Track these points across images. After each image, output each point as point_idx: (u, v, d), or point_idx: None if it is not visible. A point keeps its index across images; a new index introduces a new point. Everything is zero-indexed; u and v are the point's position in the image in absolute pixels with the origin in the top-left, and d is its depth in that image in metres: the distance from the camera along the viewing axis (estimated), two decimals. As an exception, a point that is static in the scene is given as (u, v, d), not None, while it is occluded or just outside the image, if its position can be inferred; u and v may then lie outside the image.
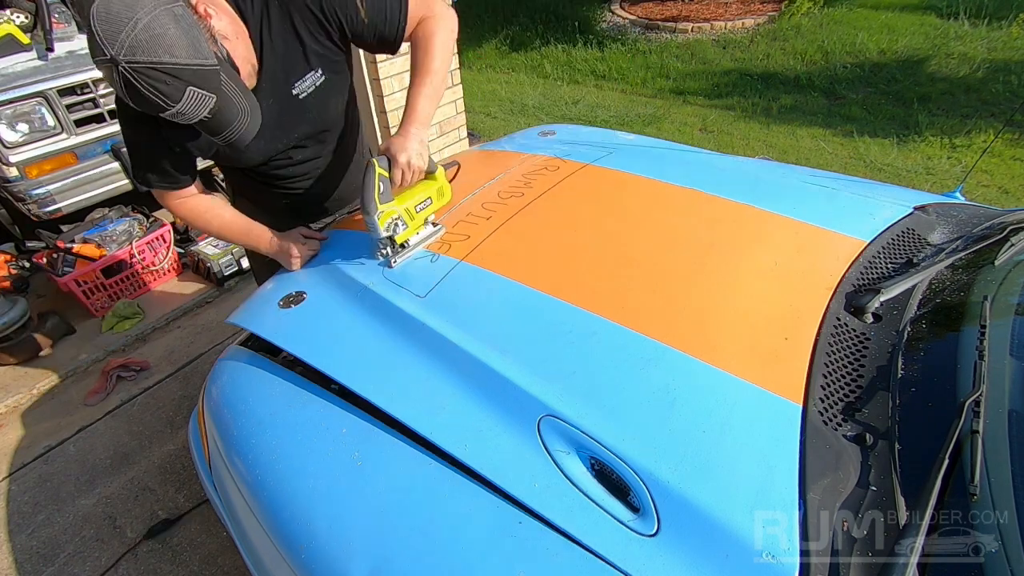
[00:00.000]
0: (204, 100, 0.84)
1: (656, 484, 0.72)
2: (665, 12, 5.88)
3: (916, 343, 0.85)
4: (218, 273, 2.65)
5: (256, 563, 0.89)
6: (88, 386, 2.17)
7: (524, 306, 1.00)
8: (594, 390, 0.84)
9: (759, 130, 3.87)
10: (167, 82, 0.80)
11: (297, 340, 1.04)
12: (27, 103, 2.26)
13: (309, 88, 1.10)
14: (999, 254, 0.97)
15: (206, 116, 0.86)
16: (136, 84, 0.78)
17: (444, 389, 0.89)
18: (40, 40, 2.31)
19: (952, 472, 0.66)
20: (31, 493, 1.78)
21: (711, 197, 1.23)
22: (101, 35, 0.76)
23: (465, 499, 0.76)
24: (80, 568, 1.56)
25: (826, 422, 0.76)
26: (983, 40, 4.43)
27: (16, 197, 2.39)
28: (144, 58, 0.77)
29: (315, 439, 0.89)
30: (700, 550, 0.66)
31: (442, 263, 1.13)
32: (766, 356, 0.85)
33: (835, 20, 5.15)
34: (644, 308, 0.96)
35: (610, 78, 5.10)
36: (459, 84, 2.94)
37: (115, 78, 0.78)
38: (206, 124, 0.88)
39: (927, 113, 3.76)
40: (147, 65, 0.77)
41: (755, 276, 1.00)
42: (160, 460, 1.86)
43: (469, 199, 1.35)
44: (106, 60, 0.77)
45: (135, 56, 0.76)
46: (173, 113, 0.83)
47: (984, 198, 2.86)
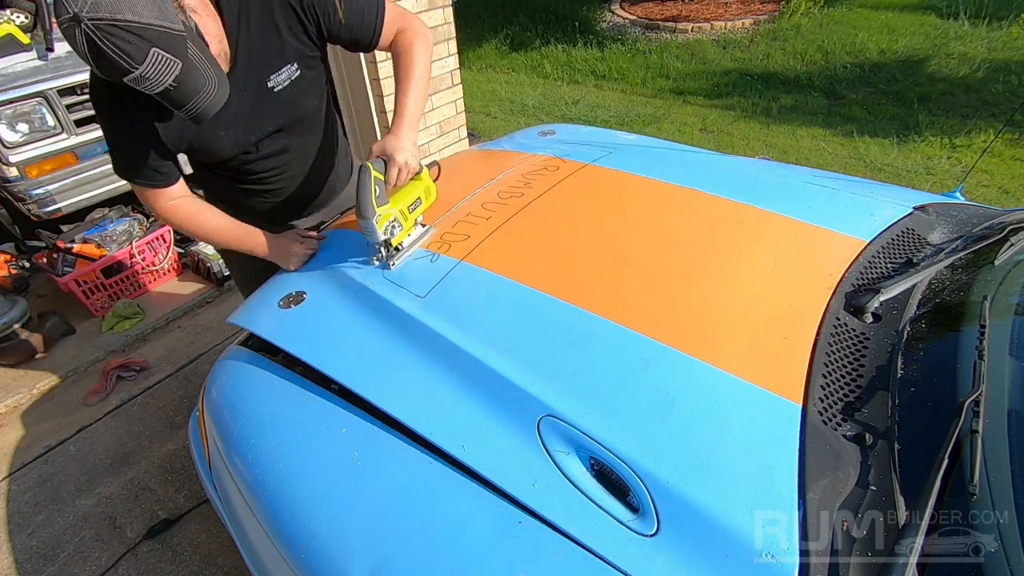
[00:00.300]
0: (169, 65, 0.81)
1: (656, 484, 0.72)
2: (665, 12, 5.88)
3: (916, 343, 0.85)
4: (218, 273, 2.65)
5: (256, 563, 0.90)
6: (88, 386, 2.17)
7: (524, 306, 1.00)
8: (594, 390, 0.84)
9: (759, 130, 3.87)
10: (131, 41, 0.78)
11: (297, 341, 1.04)
12: (27, 103, 2.26)
13: (284, 82, 1.10)
14: (999, 254, 0.97)
15: (171, 84, 0.83)
16: (99, 43, 0.76)
17: (444, 389, 0.89)
18: (40, 40, 2.31)
19: (952, 472, 0.66)
20: (31, 493, 1.78)
21: (711, 197, 1.23)
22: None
23: (465, 499, 0.76)
24: (80, 568, 1.56)
25: (826, 422, 0.76)
26: (983, 40, 4.43)
27: (16, 197, 2.38)
28: (107, 15, 0.75)
29: (315, 439, 0.89)
30: (700, 550, 0.66)
31: (442, 263, 1.13)
32: (766, 356, 0.85)
33: (835, 20, 5.15)
34: (644, 308, 0.96)
35: (610, 78, 5.10)
36: (459, 84, 2.94)
37: (78, 38, 0.77)
38: (170, 94, 0.85)
39: (927, 113, 3.76)
40: (110, 22, 0.76)
41: (755, 276, 1.00)
42: (160, 460, 1.86)
43: (469, 199, 1.35)
44: (69, 18, 0.75)
45: (98, 13, 0.75)
46: (136, 77, 0.80)
47: (984, 198, 2.86)
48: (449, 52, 2.78)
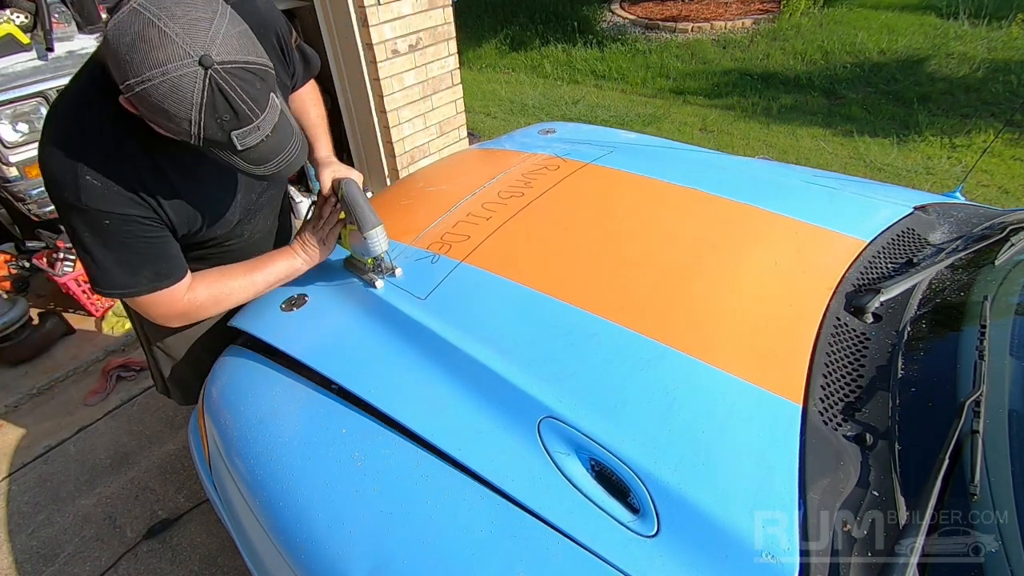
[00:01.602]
0: (274, 110, 0.72)
1: (656, 485, 0.72)
2: (665, 12, 5.87)
3: (916, 343, 0.85)
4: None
5: (256, 563, 0.89)
6: (88, 386, 2.17)
7: (524, 307, 1.00)
8: (594, 391, 0.84)
9: (759, 130, 3.86)
10: (257, 85, 0.68)
11: (299, 344, 1.03)
12: (27, 103, 2.26)
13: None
14: (999, 254, 0.97)
15: (269, 134, 0.72)
16: (227, 90, 0.65)
17: (445, 391, 0.89)
18: (40, 40, 2.31)
19: (952, 472, 0.66)
20: (31, 493, 1.78)
21: (711, 197, 1.23)
22: (176, 33, 0.62)
23: (465, 499, 0.76)
24: (80, 568, 1.55)
25: (826, 422, 0.76)
26: (983, 40, 4.43)
27: (16, 197, 2.38)
28: (240, 57, 0.66)
29: (315, 439, 0.89)
30: (700, 550, 0.66)
31: (442, 264, 1.13)
32: (766, 356, 0.85)
33: (835, 20, 5.15)
34: (644, 308, 0.95)
35: (610, 78, 5.09)
36: (459, 84, 2.94)
37: (197, 85, 0.64)
38: (262, 147, 0.73)
39: (927, 113, 3.76)
40: (242, 66, 0.66)
41: (755, 276, 1.00)
42: (160, 460, 1.85)
43: (469, 199, 1.35)
44: (188, 63, 0.63)
45: (231, 56, 0.65)
46: (250, 129, 0.69)
47: (984, 198, 2.86)
48: (449, 52, 2.78)
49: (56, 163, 0.77)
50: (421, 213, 1.34)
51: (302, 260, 1.09)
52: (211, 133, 0.68)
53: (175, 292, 0.92)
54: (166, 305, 0.93)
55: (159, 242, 0.87)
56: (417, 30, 2.57)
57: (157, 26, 0.62)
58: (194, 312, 0.97)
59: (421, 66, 2.67)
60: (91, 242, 0.81)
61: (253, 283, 1.04)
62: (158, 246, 0.87)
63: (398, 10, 2.44)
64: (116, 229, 0.81)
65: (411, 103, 2.71)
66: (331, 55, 2.60)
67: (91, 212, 0.78)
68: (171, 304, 0.93)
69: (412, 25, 2.54)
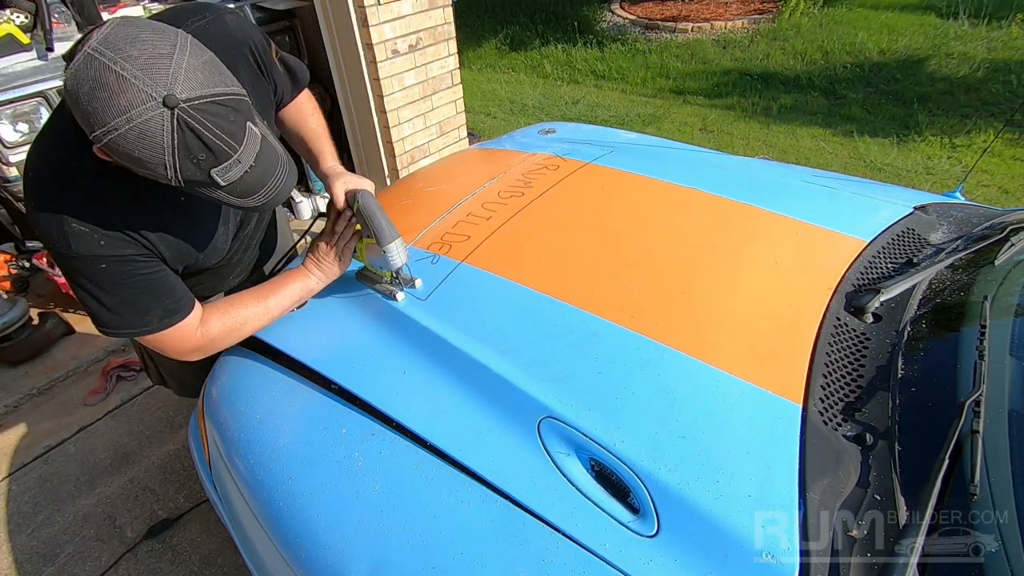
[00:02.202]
0: (254, 139, 0.67)
1: (656, 485, 0.72)
2: (665, 12, 5.87)
3: (916, 343, 0.85)
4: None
5: (256, 563, 0.90)
6: (88, 386, 2.17)
7: (524, 308, 1.00)
8: (594, 391, 0.84)
9: (759, 130, 3.86)
10: (231, 118, 0.63)
11: (300, 345, 1.03)
12: (27, 103, 2.26)
13: None
14: (999, 254, 0.97)
15: (251, 165, 0.68)
16: (197, 129, 0.61)
17: (445, 391, 0.89)
18: (40, 40, 2.31)
19: (952, 472, 0.66)
20: (31, 493, 1.78)
21: (711, 196, 1.23)
22: (135, 76, 0.58)
23: (466, 500, 0.76)
24: (80, 568, 1.55)
25: (826, 422, 0.76)
26: (983, 40, 4.43)
27: (16, 197, 2.38)
28: (207, 91, 0.61)
29: (315, 439, 0.89)
30: (700, 550, 0.66)
31: (443, 265, 1.13)
32: (766, 356, 0.85)
33: (835, 20, 5.15)
34: (644, 309, 0.96)
35: (610, 78, 5.09)
36: (459, 84, 2.94)
37: (165, 127, 0.60)
38: (246, 179, 0.68)
39: (927, 113, 3.76)
40: (209, 100, 0.61)
41: (755, 276, 1.00)
42: (160, 460, 1.85)
43: (469, 199, 1.35)
44: (152, 107, 0.58)
45: (195, 91, 0.60)
46: (230, 164, 0.65)
47: (984, 198, 2.86)
48: (449, 52, 2.78)
49: (41, 217, 0.76)
50: (421, 213, 1.34)
51: (316, 279, 1.05)
52: (189, 174, 0.64)
53: (187, 327, 0.90)
54: (179, 340, 0.91)
55: (159, 277, 0.85)
56: (417, 30, 2.57)
57: (114, 71, 0.58)
58: (208, 346, 0.95)
59: (421, 66, 2.67)
60: (92, 288, 0.81)
61: (268, 309, 1.01)
62: (159, 282, 0.85)
63: (398, 10, 2.44)
64: (113, 271, 0.80)
65: (411, 103, 2.71)
66: (331, 55, 2.60)
67: (85, 259, 0.78)
68: (184, 340, 0.92)
69: (412, 25, 2.54)
